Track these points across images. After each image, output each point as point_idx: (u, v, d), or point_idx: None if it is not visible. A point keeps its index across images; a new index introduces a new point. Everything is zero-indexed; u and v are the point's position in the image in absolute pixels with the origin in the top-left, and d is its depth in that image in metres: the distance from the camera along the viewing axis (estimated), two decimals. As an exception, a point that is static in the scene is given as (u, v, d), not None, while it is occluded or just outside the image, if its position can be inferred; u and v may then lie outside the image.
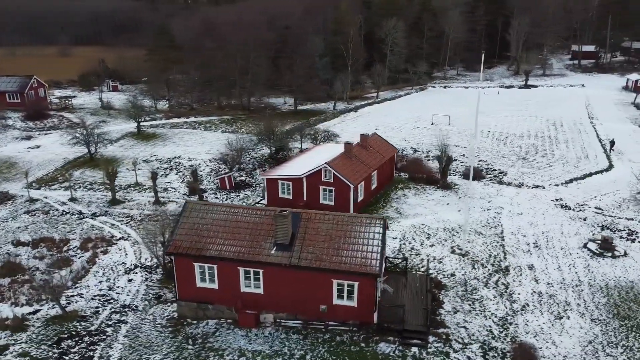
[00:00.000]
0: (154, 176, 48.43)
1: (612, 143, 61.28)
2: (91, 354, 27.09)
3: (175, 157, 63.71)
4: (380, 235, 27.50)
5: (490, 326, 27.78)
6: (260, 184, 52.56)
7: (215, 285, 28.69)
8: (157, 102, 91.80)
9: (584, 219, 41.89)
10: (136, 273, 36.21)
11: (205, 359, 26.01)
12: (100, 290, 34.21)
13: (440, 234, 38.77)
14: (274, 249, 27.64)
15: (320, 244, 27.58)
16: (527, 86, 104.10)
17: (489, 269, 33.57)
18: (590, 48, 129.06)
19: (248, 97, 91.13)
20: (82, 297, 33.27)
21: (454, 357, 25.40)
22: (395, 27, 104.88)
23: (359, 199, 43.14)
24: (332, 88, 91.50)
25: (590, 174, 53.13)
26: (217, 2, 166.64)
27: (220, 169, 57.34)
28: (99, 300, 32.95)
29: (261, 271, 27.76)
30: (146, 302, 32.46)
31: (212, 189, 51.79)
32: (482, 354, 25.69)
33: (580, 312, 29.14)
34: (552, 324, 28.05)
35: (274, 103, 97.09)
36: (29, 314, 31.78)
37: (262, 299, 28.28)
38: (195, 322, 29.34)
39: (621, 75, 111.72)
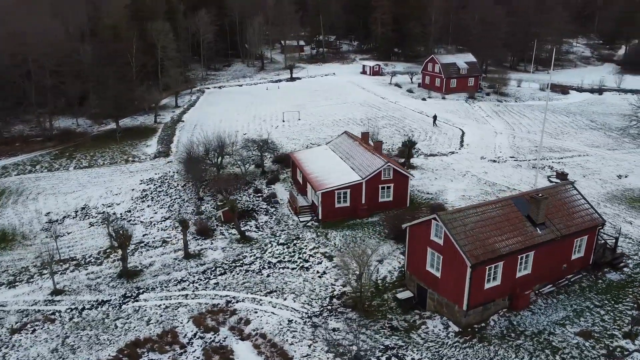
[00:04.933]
0: (184, 225, 38.62)
1: (435, 117, 79.01)
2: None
3: (81, 208, 49.30)
4: (579, 194, 34.55)
5: (624, 239, 38.82)
6: (258, 206, 48.05)
7: (497, 282, 30.00)
8: None
9: (520, 165, 57.17)
10: (325, 323, 31.53)
11: (545, 342, 28.22)
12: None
13: (488, 195, 46.95)
14: (538, 229, 31.14)
15: (556, 215, 32.58)
16: (293, 79, 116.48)
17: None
18: (302, 43, 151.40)
19: (50, 122, 72.43)
20: (326, 366, 27.84)
21: (646, 265, 35.57)
22: (163, 31, 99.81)
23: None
24: (145, 99, 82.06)
25: (463, 138, 69.58)
26: None
27: (172, 205, 48.50)
28: None
29: (532, 253, 30.88)
30: (393, 337, 29.91)
31: (216, 224, 44.45)
32: (652, 258, 36.71)
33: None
34: (647, 225, 41.22)
35: (67, 126, 79.65)
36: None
37: (529, 278, 31.39)
38: (482, 324, 29.90)
39: (342, 64, 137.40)
